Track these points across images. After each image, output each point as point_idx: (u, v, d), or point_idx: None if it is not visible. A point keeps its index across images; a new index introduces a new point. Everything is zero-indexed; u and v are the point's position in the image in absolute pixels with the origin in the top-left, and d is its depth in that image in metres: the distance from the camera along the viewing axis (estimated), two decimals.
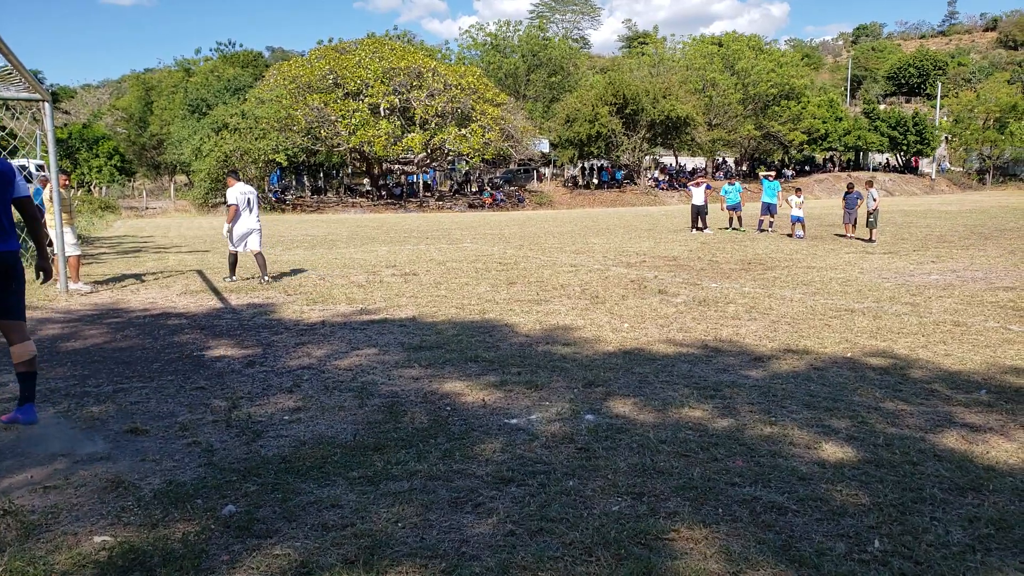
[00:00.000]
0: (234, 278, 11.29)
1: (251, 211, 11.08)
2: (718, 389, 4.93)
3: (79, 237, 13.49)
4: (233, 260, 11.37)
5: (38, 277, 5.01)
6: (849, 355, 5.87)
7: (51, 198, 10.24)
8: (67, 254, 10.34)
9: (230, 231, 11.11)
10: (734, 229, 20.57)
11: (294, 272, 12.24)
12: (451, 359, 5.91)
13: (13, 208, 4.52)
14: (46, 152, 10.73)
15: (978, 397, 4.68)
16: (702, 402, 4.64)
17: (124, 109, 62.53)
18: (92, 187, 46.09)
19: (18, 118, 13.02)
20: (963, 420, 4.26)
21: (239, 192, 11.05)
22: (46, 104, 9.77)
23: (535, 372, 5.44)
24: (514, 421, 4.34)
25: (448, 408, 4.62)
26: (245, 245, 11.11)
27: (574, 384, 5.10)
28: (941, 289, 9.34)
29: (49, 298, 9.75)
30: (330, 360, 5.99)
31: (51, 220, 10.43)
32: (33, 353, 4.45)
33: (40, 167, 31.75)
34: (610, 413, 4.45)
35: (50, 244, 11.85)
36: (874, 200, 16.90)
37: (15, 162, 28.53)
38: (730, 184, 21.63)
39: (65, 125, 51.00)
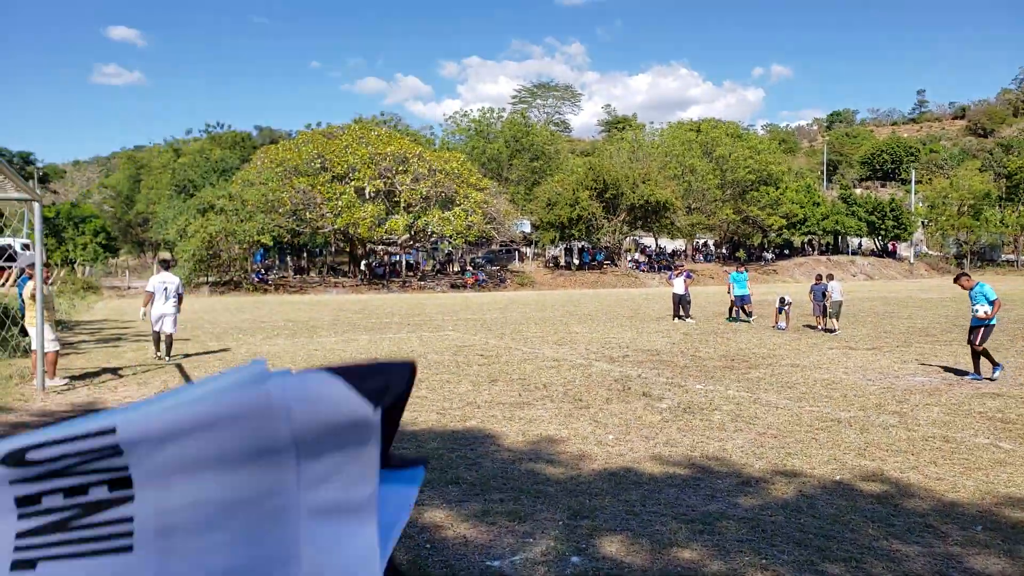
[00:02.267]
0: (159, 355, 12.96)
1: (167, 298, 12.72)
2: (707, 522, 4.78)
3: (58, 323, 13.33)
4: (156, 338, 13.08)
5: None
6: (839, 478, 5.76)
7: (32, 296, 10.16)
8: (46, 350, 10.14)
9: (145, 313, 13.16)
10: (741, 320, 19.99)
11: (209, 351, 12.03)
12: (432, 479, 5.73)
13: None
14: (32, 230, 10.76)
15: (974, 535, 4.56)
16: (692, 539, 4.49)
17: (113, 187, 63.02)
18: (75, 265, 45.91)
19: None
20: (961, 564, 4.13)
21: (158, 281, 12.91)
22: (36, 204, 9.73)
23: (518, 499, 5.27)
24: (496, 563, 4.16)
25: (428, 545, 4.43)
26: (161, 325, 12.78)
27: (559, 515, 4.93)
28: (927, 395, 9.31)
29: (25, 398, 9.48)
30: None
31: (31, 318, 10.31)
32: None
33: (25, 246, 31.69)
34: (597, 554, 4.28)
35: (26, 334, 11.68)
36: (838, 293, 16.96)
37: (0, 240, 28.11)
38: (738, 272, 20.54)
39: (53, 204, 51.13)
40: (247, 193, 39.83)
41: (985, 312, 10.32)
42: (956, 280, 11.16)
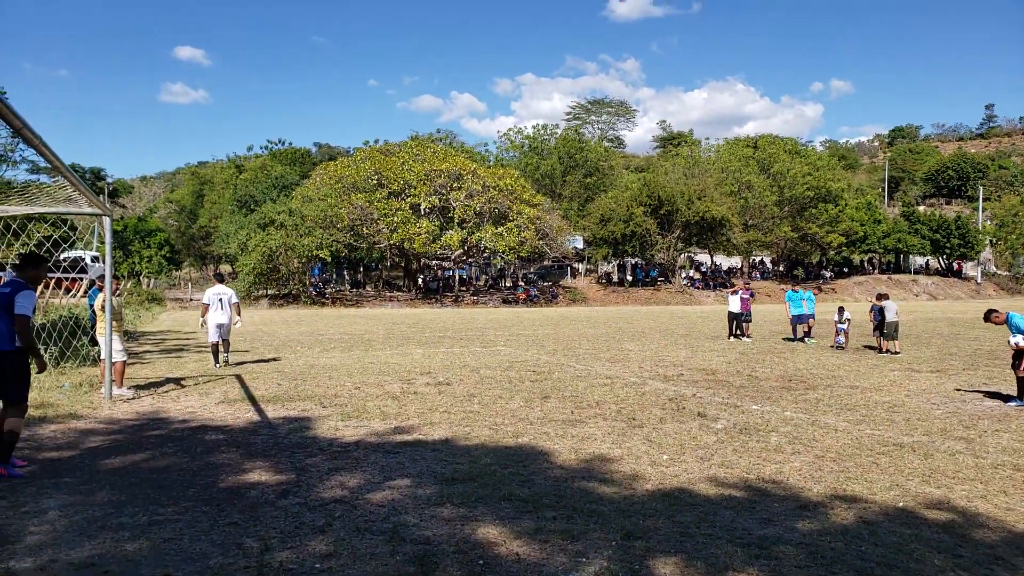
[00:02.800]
0: (218, 366, 13.63)
1: (221, 309, 13.60)
2: (764, 546, 4.69)
3: (125, 334, 13.89)
4: (215, 350, 13.75)
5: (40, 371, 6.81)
6: (902, 505, 5.59)
7: (102, 307, 10.59)
8: (114, 359, 10.55)
9: (203, 324, 13.80)
10: (798, 340, 19.35)
11: (266, 360, 12.30)
12: (484, 496, 5.77)
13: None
14: (102, 243, 11.26)
15: None
16: (748, 563, 4.41)
17: (177, 202, 65.22)
18: (141, 277, 47.62)
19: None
20: None
21: (212, 293, 13.70)
22: (106, 219, 10.17)
23: (571, 517, 5.27)
24: None
25: (481, 562, 4.46)
26: (217, 334, 13.63)
27: (613, 535, 4.91)
28: (997, 420, 8.96)
29: (94, 405, 9.88)
30: (362, 493, 5.89)
31: (101, 328, 10.76)
32: (16, 428, 6.23)
33: (95, 259, 33.09)
34: (651, 575, 4.25)
35: (96, 344, 12.19)
36: (892, 313, 16.46)
37: (72, 253, 29.77)
38: (793, 291, 20.07)
39: (122, 218, 53.20)
40: (306, 208, 40.80)
41: (1016, 344, 9.94)
42: (986, 318, 10.76)
